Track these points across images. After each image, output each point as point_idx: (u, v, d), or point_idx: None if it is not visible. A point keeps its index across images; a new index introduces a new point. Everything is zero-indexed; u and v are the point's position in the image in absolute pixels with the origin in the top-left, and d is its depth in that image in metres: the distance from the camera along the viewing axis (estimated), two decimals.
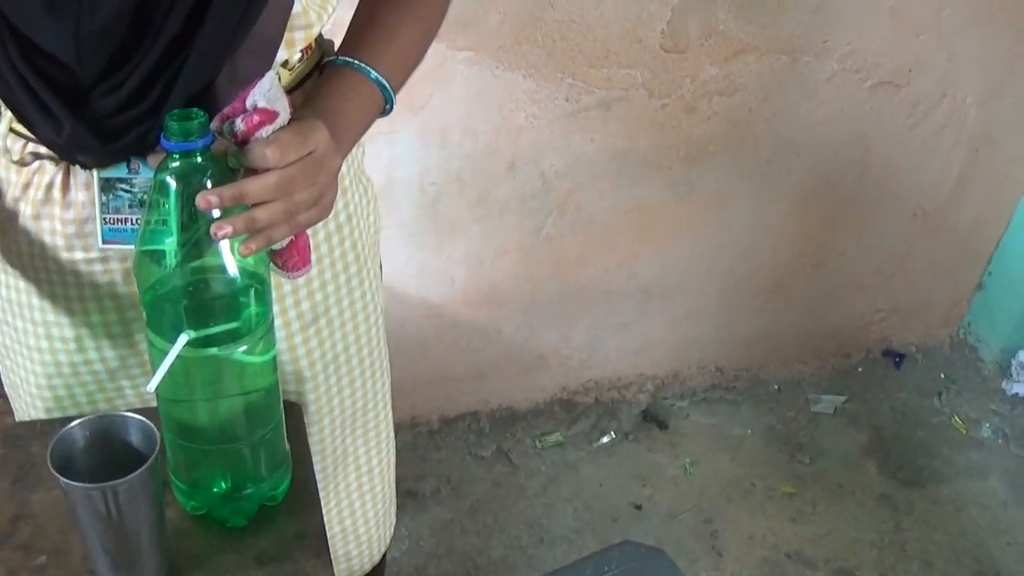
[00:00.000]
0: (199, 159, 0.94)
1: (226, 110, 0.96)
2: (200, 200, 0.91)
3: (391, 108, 1.16)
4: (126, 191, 1.08)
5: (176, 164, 0.93)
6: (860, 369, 3.02)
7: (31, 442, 1.18)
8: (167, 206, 0.94)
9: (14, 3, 0.97)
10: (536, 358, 2.67)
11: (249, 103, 0.96)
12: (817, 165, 2.58)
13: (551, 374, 2.72)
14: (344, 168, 1.24)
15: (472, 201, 2.33)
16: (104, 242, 1.10)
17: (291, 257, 1.05)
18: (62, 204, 1.12)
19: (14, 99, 1.03)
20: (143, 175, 1.07)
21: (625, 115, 2.32)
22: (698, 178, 2.49)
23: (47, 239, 1.14)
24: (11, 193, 1.15)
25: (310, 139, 0.98)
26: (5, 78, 1.01)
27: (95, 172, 1.08)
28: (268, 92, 0.95)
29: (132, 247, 1.07)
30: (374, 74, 1.13)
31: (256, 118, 0.95)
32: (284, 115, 0.97)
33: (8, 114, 1.09)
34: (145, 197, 1.06)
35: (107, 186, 1.08)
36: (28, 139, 1.11)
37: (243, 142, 0.96)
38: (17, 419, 1.34)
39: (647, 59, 2.26)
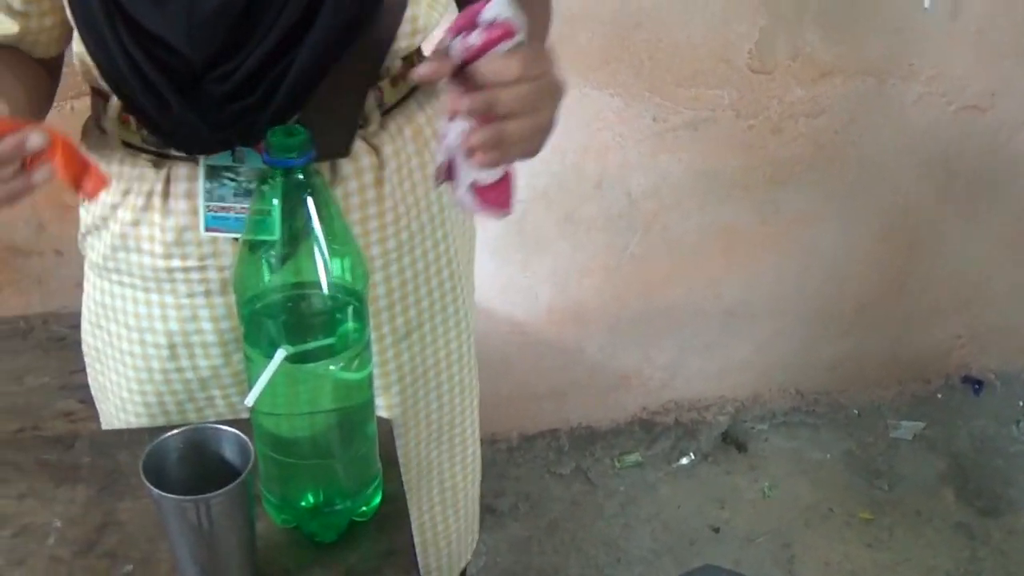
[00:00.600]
0: (300, 176, 0.91)
1: (457, 23, 0.90)
2: (450, 104, 0.90)
3: None
4: (231, 179, 1.07)
5: (277, 180, 0.92)
6: (939, 395, 2.94)
7: (118, 450, 1.16)
8: (270, 206, 0.92)
9: None
10: (618, 377, 2.64)
11: (487, 16, 0.89)
12: (901, 188, 2.53)
13: (632, 394, 2.68)
14: (439, 189, 1.22)
15: (559, 219, 2.31)
16: (207, 229, 1.09)
17: (503, 192, 0.99)
18: (162, 211, 1.11)
19: (124, 83, 1.02)
20: (249, 164, 1.06)
21: (712, 135, 2.29)
22: (784, 199, 2.45)
23: (145, 245, 1.14)
24: (109, 199, 1.14)
25: (548, 59, 0.93)
26: (116, 61, 1.00)
27: (201, 159, 1.07)
28: (508, 7, 0.89)
29: (234, 235, 1.07)
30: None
31: (499, 31, 0.88)
32: (522, 34, 0.90)
33: (116, 103, 1.09)
34: (250, 187, 1.06)
35: (212, 174, 1.07)
36: (132, 145, 1.11)
37: (474, 57, 0.89)
38: (103, 425, 1.33)
39: (735, 79, 2.24)
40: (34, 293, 2.34)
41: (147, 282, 1.16)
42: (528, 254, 2.32)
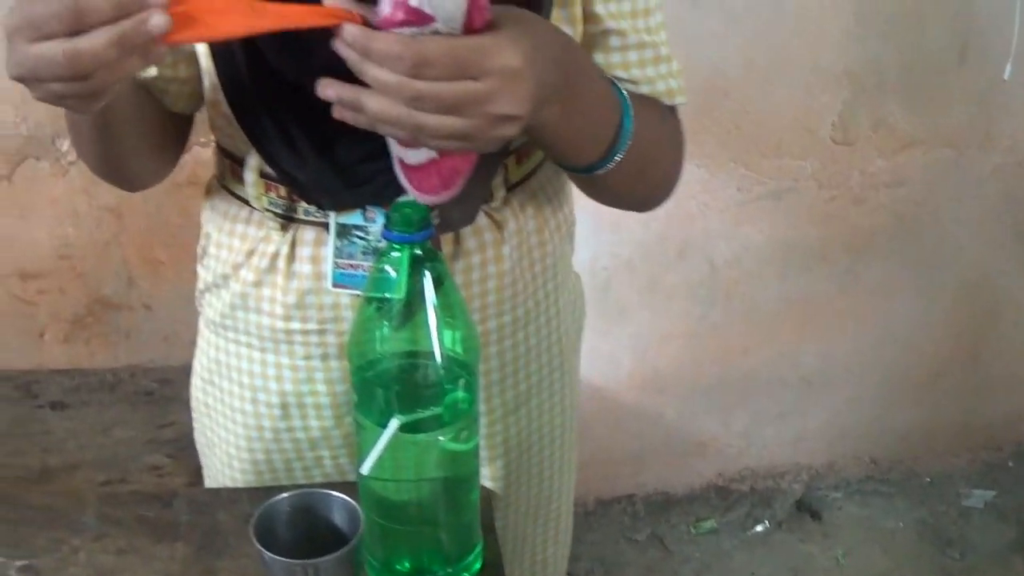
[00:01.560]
0: (419, 251, 0.90)
1: None
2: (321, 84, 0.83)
3: (614, 153, 0.99)
4: (360, 238, 1.05)
5: (396, 254, 0.90)
6: (1011, 463, 2.88)
7: (216, 509, 1.15)
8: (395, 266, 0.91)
9: (277, 42, 0.95)
10: (695, 444, 2.59)
11: None
12: (977, 257, 2.49)
13: (708, 460, 2.64)
14: (554, 263, 1.20)
15: (641, 286, 2.28)
16: (334, 285, 1.07)
17: (427, 178, 0.90)
18: (286, 274, 1.09)
19: (262, 133, 1.01)
20: (378, 223, 1.04)
21: (794, 206, 2.26)
22: (862, 269, 2.42)
23: (265, 306, 1.12)
24: (232, 258, 1.13)
25: (473, 63, 0.79)
26: (258, 115, 1.00)
27: (332, 216, 1.05)
28: None
29: (360, 292, 1.05)
30: (628, 100, 1.00)
31: (400, 15, 0.77)
32: (444, 23, 0.77)
33: (252, 164, 1.07)
34: (379, 245, 1.04)
35: (342, 231, 1.05)
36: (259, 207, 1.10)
37: (382, 27, 0.79)
38: (207, 481, 1.32)
39: (818, 150, 2.22)
40: (122, 346, 2.34)
41: (264, 342, 1.14)
42: (611, 321, 2.30)
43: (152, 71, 1.03)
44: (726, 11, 2.04)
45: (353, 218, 1.05)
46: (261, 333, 1.14)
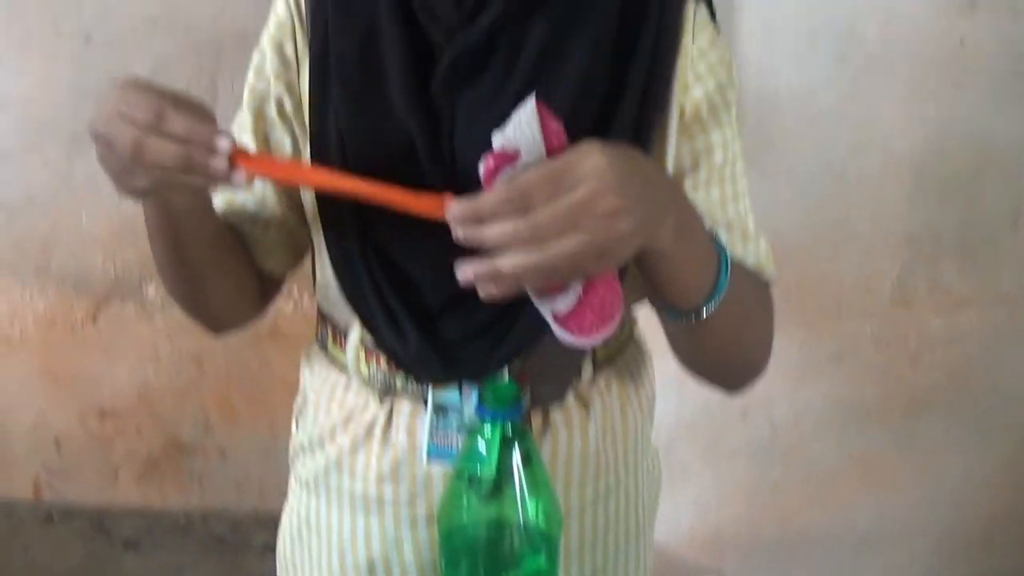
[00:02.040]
0: (509, 429, 0.93)
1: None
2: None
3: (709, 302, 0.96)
4: (456, 416, 1.07)
5: (488, 429, 0.93)
6: None
7: None
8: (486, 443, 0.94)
9: (387, 228, 1.00)
10: None
11: (495, 144, 0.82)
12: None
13: None
14: (635, 438, 1.21)
15: (703, 448, 2.28)
16: (429, 459, 1.09)
17: (583, 318, 0.87)
18: (381, 442, 1.11)
19: (368, 311, 1.04)
20: (473, 401, 1.06)
21: (853, 366, 2.27)
22: (918, 426, 2.39)
23: (359, 471, 1.13)
24: (329, 423, 1.15)
25: (565, 174, 0.80)
26: (363, 290, 1.03)
27: (430, 392, 1.07)
28: (506, 131, 0.82)
29: (453, 467, 1.06)
30: (723, 241, 1.00)
31: (491, 163, 0.82)
32: (528, 154, 0.81)
33: (354, 338, 1.11)
34: (472, 422, 1.06)
35: (439, 409, 1.07)
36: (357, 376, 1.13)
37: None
38: None
39: (876, 312, 2.23)
40: (195, 489, 2.37)
41: (356, 505, 1.15)
42: (673, 482, 2.27)
43: (235, 194, 1.10)
44: (792, 181, 2.09)
45: (449, 395, 1.07)
46: (353, 496, 1.15)
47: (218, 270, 1.10)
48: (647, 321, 1.13)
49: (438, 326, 1.02)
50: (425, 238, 0.95)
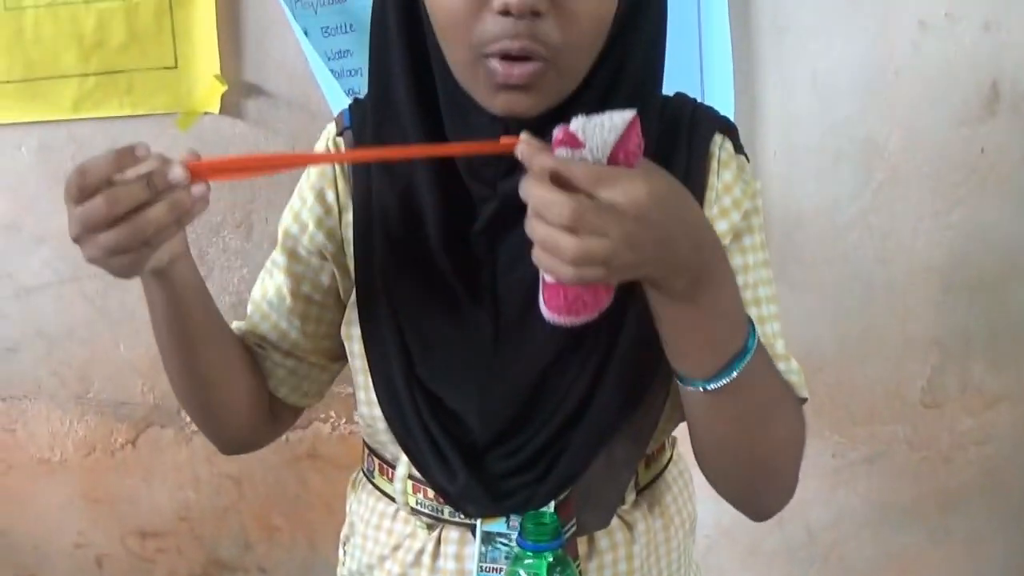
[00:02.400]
0: (550, 558, 0.96)
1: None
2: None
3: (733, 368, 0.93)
4: (504, 544, 1.08)
5: (529, 561, 0.97)
6: None
7: None
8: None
9: (433, 368, 1.03)
10: None
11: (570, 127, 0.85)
12: None
13: None
14: (679, 556, 1.21)
15: (742, 553, 2.27)
16: None
17: (556, 297, 0.89)
18: (430, 569, 1.12)
19: (416, 447, 1.05)
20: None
21: (887, 468, 2.27)
22: (954, 524, 2.39)
23: None
24: (378, 551, 1.16)
25: (608, 184, 0.80)
26: (410, 427, 1.04)
27: (479, 524, 1.08)
28: (588, 123, 0.84)
29: None
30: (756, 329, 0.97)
31: (560, 135, 0.84)
32: (590, 152, 0.83)
33: (402, 469, 1.12)
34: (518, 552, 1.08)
35: (487, 538, 1.08)
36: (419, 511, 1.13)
37: None
38: None
39: (908, 415, 2.24)
40: None
41: None
42: None
43: (257, 324, 1.14)
44: (820, 293, 2.10)
45: (497, 525, 1.08)
46: None
47: (227, 380, 1.12)
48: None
49: (485, 462, 1.04)
50: (469, 376, 1.00)
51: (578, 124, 0.84)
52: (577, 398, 1.02)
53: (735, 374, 0.92)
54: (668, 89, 1.07)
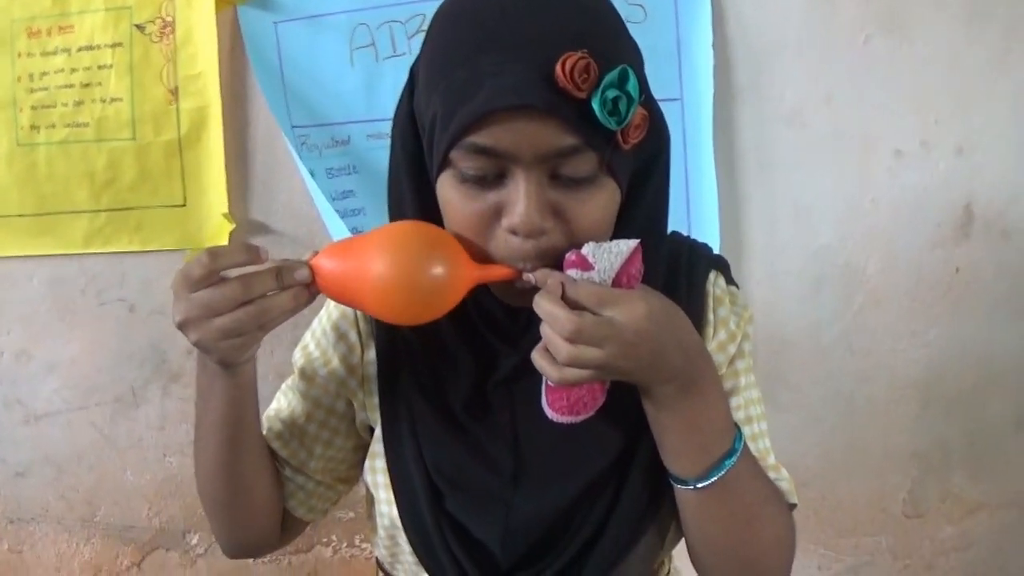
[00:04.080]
0: None
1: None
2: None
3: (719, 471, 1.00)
4: None
5: None
6: None
7: None
8: None
9: (458, 502, 1.05)
10: None
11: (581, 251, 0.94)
12: None
13: None
14: None
15: None
16: None
17: (559, 399, 0.99)
18: None
19: (441, 571, 1.07)
20: None
21: None
22: None
23: None
24: None
25: (610, 304, 0.90)
26: (436, 553, 1.06)
27: None
28: (598, 249, 0.92)
29: None
30: (742, 432, 1.04)
31: (572, 257, 0.92)
32: (598, 274, 0.92)
33: None
34: None
35: None
36: None
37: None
38: None
39: (890, 525, 2.24)
40: None
41: None
42: None
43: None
44: (805, 410, 2.12)
45: None
46: None
47: (259, 485, 1.14)
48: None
49: None
50: (492, 510, 1.03)
51: (589, 249, 0.92)
52: (593, 526, 1.05)
53: (723, 474, 0.98)
54: None
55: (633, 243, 0.93)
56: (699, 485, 0.99)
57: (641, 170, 1.01)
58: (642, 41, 0.99)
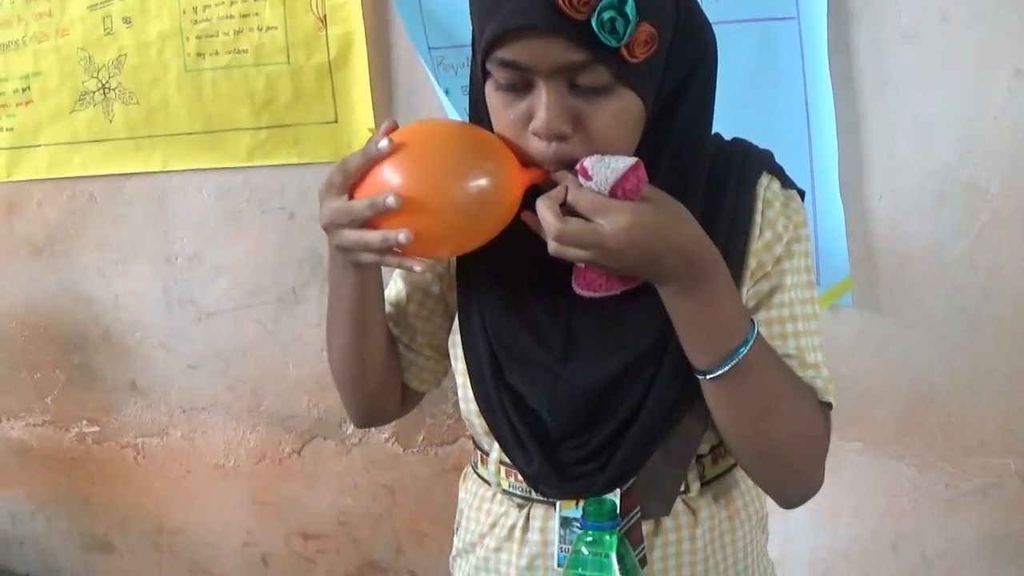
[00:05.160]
0: (608, 537, 1.10)
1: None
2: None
3: (733, 361, 1.09)
4: (578, 528, 1.19)
5: (590, 539, 1.10)
6: None
7: None
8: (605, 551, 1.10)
9: (515, 373, 1.18)
10: None
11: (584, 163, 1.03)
12: None
13: None
14: (744, 547, 1.31)
15: None
16: (559, 566, 1.22)
17: (580, 277, 1.11)
18: (520, 541, 1.27)
19: (504, 437, 1.20)
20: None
21: (1000, 500, 2.24)
22: None
23: (503, 568, 1.29)
24: (479, 529, 1.32)
25: (601, 212, 1.01)
26: (498, 420, 1.19)
27: (557, 509, 1.22)
28: (599, 163, 1.02)
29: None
30: (757, 328, 1.11)
31: (579, 167, 1.03)
32: (596, 185, 1.02)
33: (494, 456, 1.27)
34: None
35: (564, 522, 1.21)
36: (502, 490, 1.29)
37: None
38: None
39: (1019, 447, 2.21)
40: None
41: None
42: None
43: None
44: (928, 328, 2.13)
45: (573, 511, 1.21)
46: None
47: (383, 362, 1.30)
48: None
49: (557, 451, 1.18)
50: (545, 382, 1.16)
51: (589, 163, 1.02)
52: (631, 405, 1.15)
53: (730, 367, 1.07)
54: (774, 138, 1.25)
55: (631, 160, 1.02)
56: (708, 376, 1.09)
57: (678, 83, 1.10)
58: None
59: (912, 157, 2.01)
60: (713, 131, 1.18)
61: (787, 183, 1.22)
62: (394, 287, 1.34)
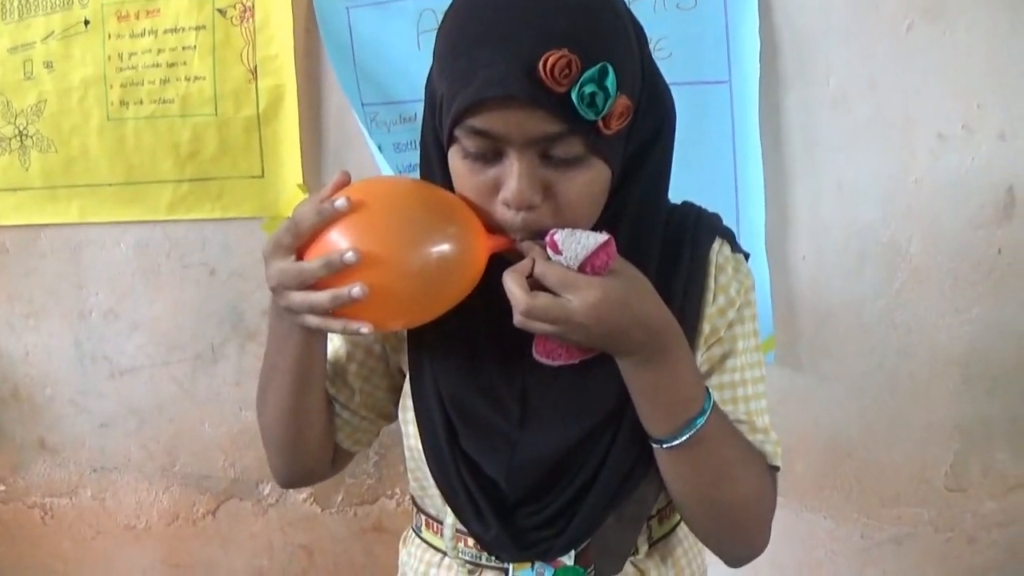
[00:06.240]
0: None
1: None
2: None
3: (688, 433, 1.11)
4: None
5: None
6: None
7: None
8: None
9: (471, 442, 1.17)
10: None
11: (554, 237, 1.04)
12: None
13: None
14: (684, 557, 1.33)
15: None
16: None
17: (539, 346, 1.11)
18: None
19: (459, 505, 1.20)
20: None
21: (913, 549, 2.32)
22: None
23: None
24: None
25: (570, 288, 1.02)
26: (455, 488, 1.19)
27: (510, 568, 1.22)
28: (570, 237, 1.03)
29: None
30: (712, 399, 1.13)
31: (548, 240, 1.03)
32: (566, 260, 1.03)
33: (451, 517, 1.26)
34: None
35: None
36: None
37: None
38: None
39: (932, 498, 2.28)
40: None
41: None
42: None
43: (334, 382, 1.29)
44: (847, 384, 2.20)
45: (526, 572, 1.22)
46: None
47: (318, 421, 1.28)
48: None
49: (515, 517, 1.19)
50: (501, 450, 1.16)
51: (560, 237, 1.03)
52: (589, 471, 1.16)
53: (687, 437, 1.10)
54: (704, 198, 1.26)
55: (603, 237, 1.03)
56: (665, 445, 1.11)
57: (640, 149, 1.12)
58: (692, 27, 1.10)
59: (836, 217, 2.08)
60: None
61: (736, 247, 1.26)
62: (331, 345, 1.31)
